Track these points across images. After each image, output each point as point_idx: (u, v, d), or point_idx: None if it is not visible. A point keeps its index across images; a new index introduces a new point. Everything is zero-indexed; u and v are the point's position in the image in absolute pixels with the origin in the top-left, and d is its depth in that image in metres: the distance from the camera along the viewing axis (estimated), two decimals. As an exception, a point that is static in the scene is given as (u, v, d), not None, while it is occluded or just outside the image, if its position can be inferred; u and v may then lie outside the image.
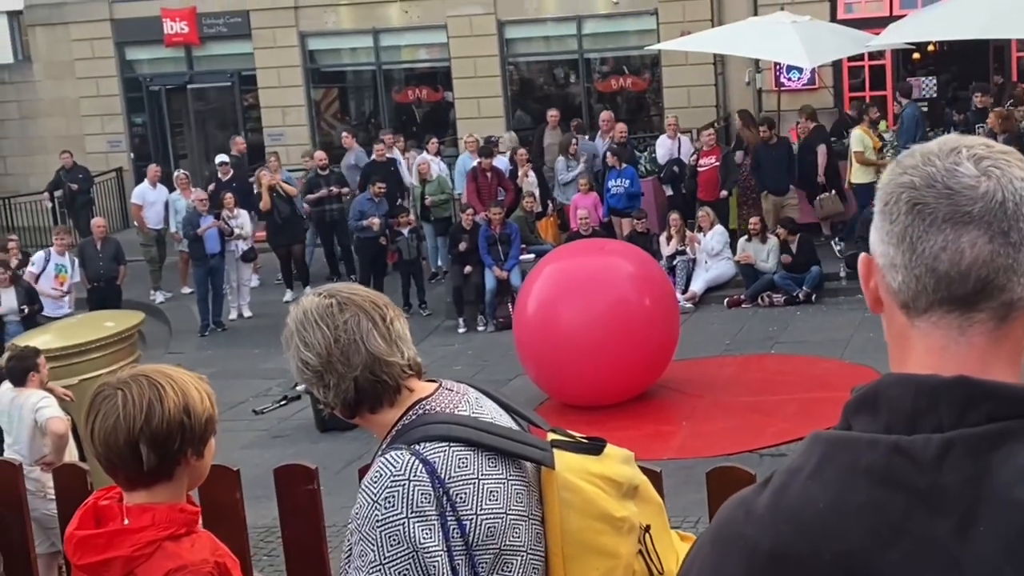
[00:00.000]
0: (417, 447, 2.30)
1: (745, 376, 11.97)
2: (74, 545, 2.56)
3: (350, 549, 2.30)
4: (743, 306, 14.70)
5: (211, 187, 17.23)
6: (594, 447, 2.51)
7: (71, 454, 7.84)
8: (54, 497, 4.03)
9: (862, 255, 1.42)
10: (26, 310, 13.92)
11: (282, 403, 10.78)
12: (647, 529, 2.50)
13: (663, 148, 17.11)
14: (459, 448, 2.32)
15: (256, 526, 6.77)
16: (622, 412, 10.78)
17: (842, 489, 1.29)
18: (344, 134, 19.62)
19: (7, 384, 8.25)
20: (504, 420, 2.48)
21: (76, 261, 15.34)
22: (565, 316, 10.95)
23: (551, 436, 2.51)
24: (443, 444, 2.31)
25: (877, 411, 1.33)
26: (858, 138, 15.59)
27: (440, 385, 2.48)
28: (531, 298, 11.32)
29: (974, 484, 1.25)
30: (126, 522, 2.51)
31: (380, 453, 2.35)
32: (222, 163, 17.86)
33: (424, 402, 2.42)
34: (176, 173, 18.54)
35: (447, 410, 2.41)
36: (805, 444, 1.37)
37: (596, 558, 2.41)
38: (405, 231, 15.75)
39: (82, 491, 3.67)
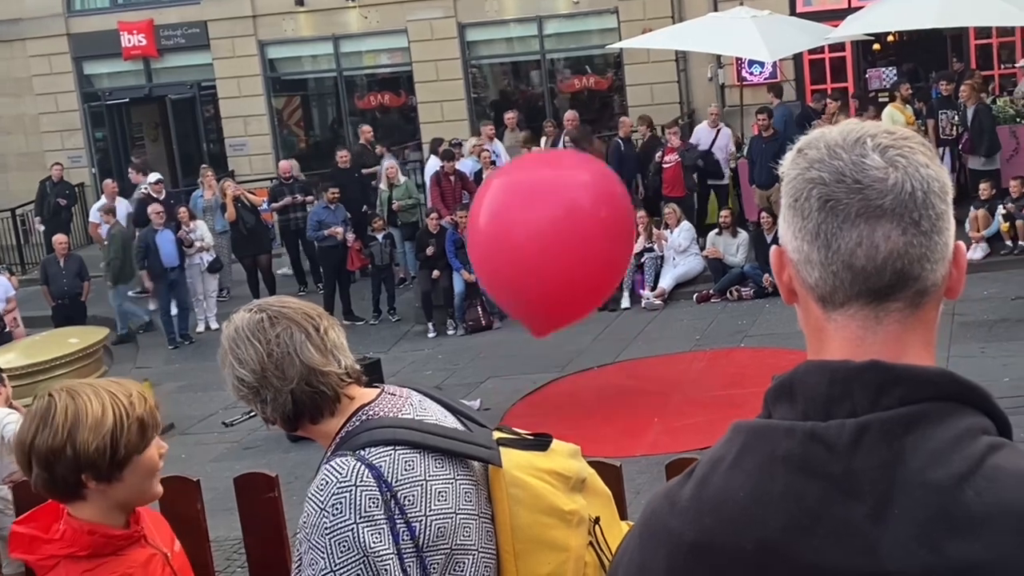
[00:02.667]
0: (362, 452, 2.29)
1: (716, 370, 11.98)
2: (10, 535, 2.55)
3: (299, 559, 2.28)
4: (712, 301, 14.73)
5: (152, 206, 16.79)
6: (540, 443, 2.51)
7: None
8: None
9: (774, 248, 1.43)
10: None
11: (251, 414, 10.70)
12: (596, 521, 2.50)
13: (699, 137, 16.90)
14: (405, 451, 2.31)
15: (229, 538, 6.72)
16: (593, 410, 10.76)
17: (761, 478, 1.31)
18: (131, 171, 18.99)
19: (-29, 404, 8.14)
20: (449, 421, 2.48)
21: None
22: (517, 224, 10.41)
23: (497, 434, 2.51)
24: (388, 448, 2.30)
25: (794, 398, 1.35)
26: (889, 115, 15.73)
27: (382, 390, 2.48)
28: (483, 208, 10.80)
29: (888, 468, 1.26)
30: (61, 527, 2.49)
31: (325, 461, 2.34)
32: (157, 181, 17.64)
33: (367, 408, 2.41)
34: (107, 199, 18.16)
35: (391, 414, 2.40)
36: (727, 434, 1.40)
37: (547, 552, 2.41)
38: (379, 236, 15.70)
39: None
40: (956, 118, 15.53)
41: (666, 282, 15.13)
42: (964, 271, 1.38)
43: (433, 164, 17.29)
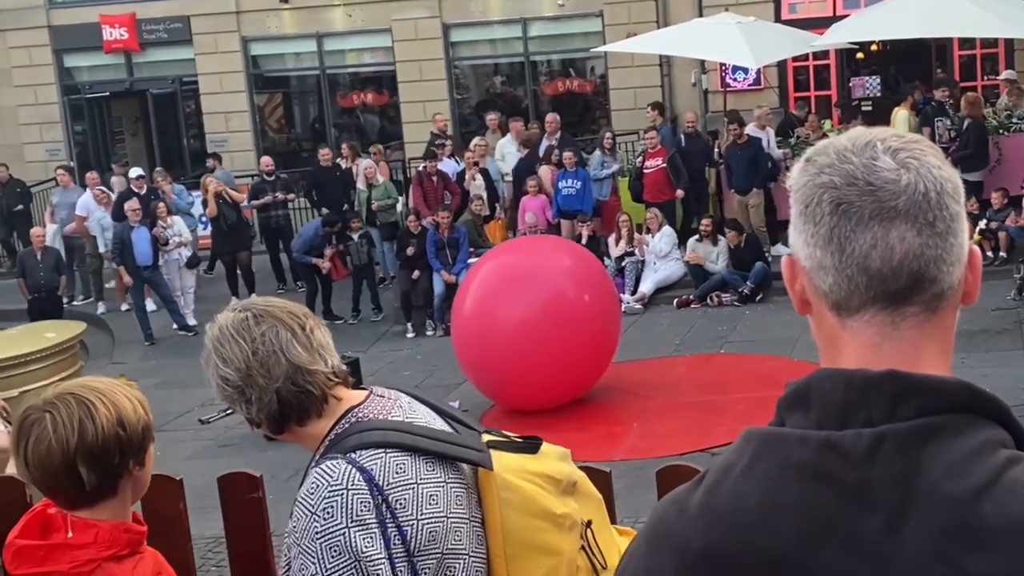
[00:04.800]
0: (353, 455, 2.26)
1: (695, 376, 11.98)
2: (13, 553, 2.48)
3: (288, 564, 2.25)
4: (692, 306, 14.74)
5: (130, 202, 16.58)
6: (530, 446, 2.49)
7: (11, 468, 7.66)
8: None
9: (785, 257, 1.40)
10: None
11: (228, 412, 10.54)
12: (588, 524, 2.49)
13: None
14: (396, 454, 2.29)
15: (204, 537, 6.66)
16: (572, 415, 10.73)
17: (773, 486, 1.29)
18: (60, 171, 18.76)
19: (-56, 397, 8.06)
20: (438, 424, 2.45)
21: None
22: (501, 314, 10.78)
23: (486, 437, 2.49)
24: (379, 451, 2.27)
25: (809, 406, 1.32)
26: (903, 119, 15.75)
27: (371, 392, 2.45)
28: (468, 298, 11.16)
29: (904, 479, 1.24)
30: (70, 535, 2.43)
31: (314, 464, 2.30)
32: (138, 176, 17.50)
33: (356, 410, 2.37)
34: (93, 189, 17.73)
35: (380, 416, 2.37)
36: (738, 441, 1.36)
37: (539, 556, 2.39)
38: (355, 236, 15.64)
39: (21, 503, 3.59)
40: (951, 124, 15.63)
41: (646, 287, 15.14)
42: (980, 275, 1.36)
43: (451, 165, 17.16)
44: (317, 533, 2.18)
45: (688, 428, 10.23)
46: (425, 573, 2.26)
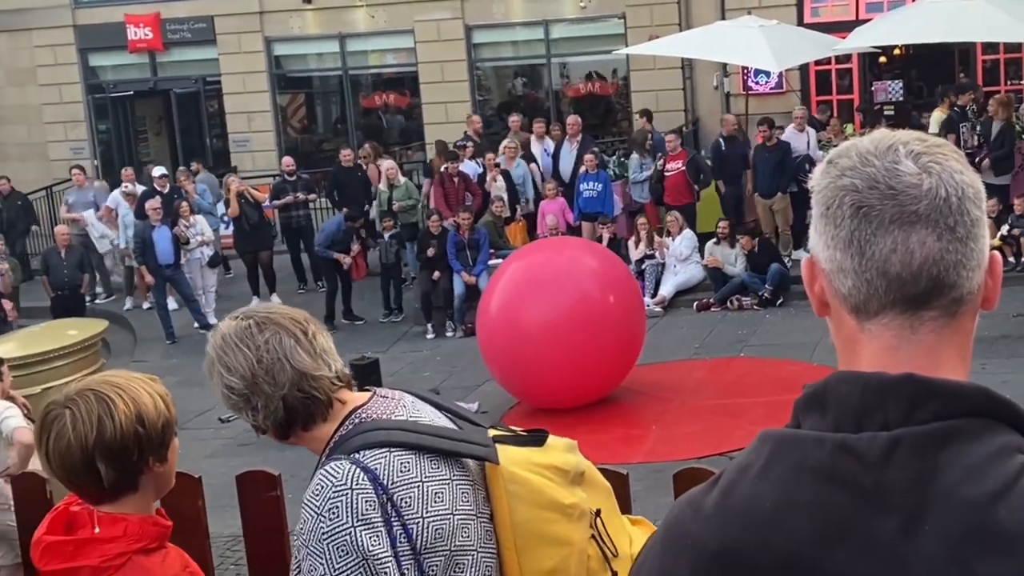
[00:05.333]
0: (357, 455, 2.27)
1: (715, 379, 11.96)
2: (41, 550, 2.50)
3: (298, 566, 2.26)
4: (712, 309, 14.71)
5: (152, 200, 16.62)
6: (536, 439, 2.50)
7: (36, 464, 7.71)
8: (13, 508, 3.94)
9: (804, 259, 1.40)
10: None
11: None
12: (597, 513, 2.49)
13: (791, 141, 15.97)
14: (400, 452, 2.30)
15: (222, 535, 6.70)
16: (592, 416, 10.73)
17: (789, 488, 1.29)
18: (75, 171, 18.72)
19: (-33, 394, 8.10)
20: (443, 422, 2.46)
21: None
22: (527, 315, 10.86)
23: (492, 432, 2.50)
24: (383, 450, 2.28)
25: (825, 409, 1.32)
26: (937, 121, 15.72)
27: (374, 393, 2.46)
28: (493, 299, 11.24)
29: (920, 483, 1.25)
30: (97, 530, 2.45)
31: (319, 466, 2.32)
32: (161, 175, 17.58)
33: (360, 411, 2.39)
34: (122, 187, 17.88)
35: (384, 416, 2.38)
36: (754, 443, 1.37)
37: (549, 547, 2.40)
38: (386, 236, 15.68)
39: (42, 499, 3.61)
40: (978, 128, 15.55)
41: (666, 289, 15.12)
42: (999, 280, 1.36)
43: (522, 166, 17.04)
44: (324, 534, 2.19)
45: (707, 431, 10.23)
46: (433, 570, 2.26)
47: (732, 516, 1.31)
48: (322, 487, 2.23)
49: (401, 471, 2.27)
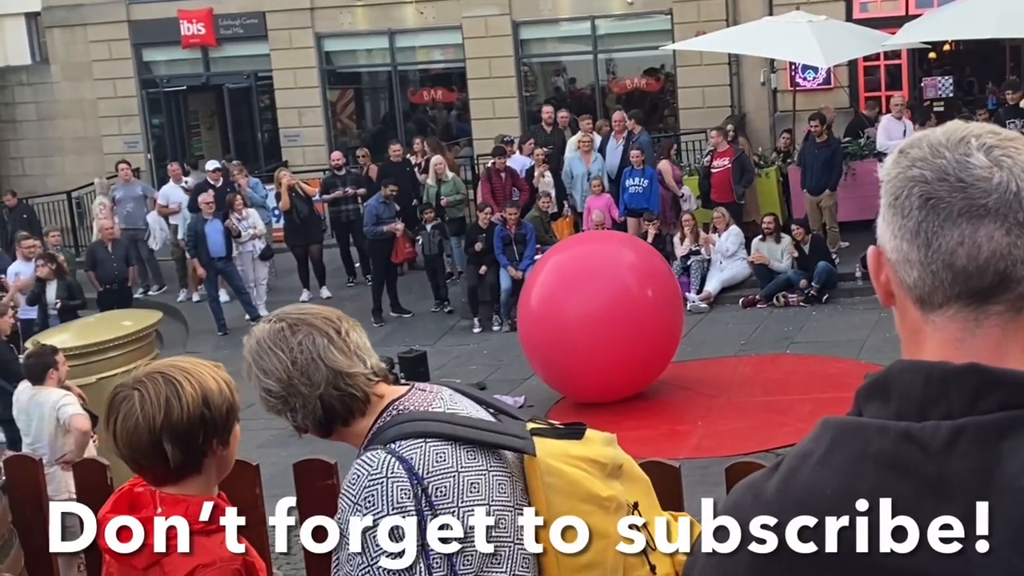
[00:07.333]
0: (392, 445, 2.29)
1: (760, 376, 11.97)
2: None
3: (337, 557, 2.31)
4: (758, 306, 14.69)
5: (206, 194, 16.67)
6: (574, 432, 2.49)
7: (91, 451, 7.89)
8: (75, 496, 4.04)
9: (871, 248, 1.40)
10: (59, 304, 14.04)
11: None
12: (635, 506, 2.48)
13: (887, 132, 15.84)
14: (436, 443, 2.31)
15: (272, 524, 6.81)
16: (637, 412, 10.79)
17: (850, 475, 1.29)
18: (122, 166, 18.90)
19: (24, 383, 8.30)
20: (481, 415, 2.47)
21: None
22: (565, 307, 10.90)
23: (530, 425, 2.50)
24: (419, 440, 2.31)
25: (888, 397, 1.32)
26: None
27: (412, 387, 2.49)
28: (533, 292, 11.29)
29: (983, 472, 1.24)
30: (159, 511, 2.52)
31: (357, 456, 2.35)
32: (215, 169, 17.79)
33: (397, 403, 2.42)
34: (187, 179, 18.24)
35: (421, 408, 2.41)
36: (815, 430, 1.36)
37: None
38: (428, 227, 15.80)
39: (103, 486, 3.70)
40: None
41: (712, 286, 15.12)
42: None
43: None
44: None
45: (753, 428, 10.25)
46: (468, 562, 2.26)
47: (792, 502, 1.31)
48: (358, 476, 2.26)
49: (437, 461, 2.29)
